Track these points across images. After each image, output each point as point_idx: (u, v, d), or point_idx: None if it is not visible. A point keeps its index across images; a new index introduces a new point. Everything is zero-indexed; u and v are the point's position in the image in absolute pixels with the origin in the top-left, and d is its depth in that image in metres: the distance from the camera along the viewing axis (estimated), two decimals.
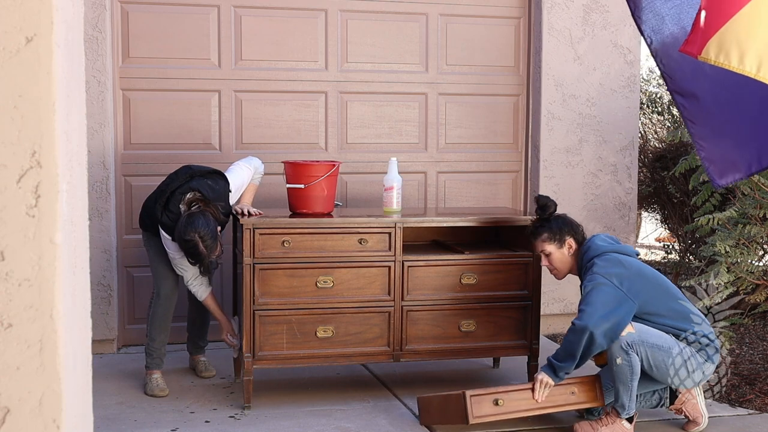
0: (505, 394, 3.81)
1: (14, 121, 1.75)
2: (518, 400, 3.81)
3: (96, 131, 4.95)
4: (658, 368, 3.81)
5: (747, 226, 4.69)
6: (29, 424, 1.78)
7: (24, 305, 1.76)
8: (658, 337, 3.81)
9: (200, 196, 4.08)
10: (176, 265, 4.27)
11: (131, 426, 3.97)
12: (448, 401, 3.87)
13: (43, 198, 1.76)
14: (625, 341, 3.75)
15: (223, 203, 4.16)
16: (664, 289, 3.93)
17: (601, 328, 3.68)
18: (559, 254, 4.02)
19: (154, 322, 4.43)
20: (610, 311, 3.72)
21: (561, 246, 4.01)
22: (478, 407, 3.75)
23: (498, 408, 3.78)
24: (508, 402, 3.79)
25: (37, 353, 1.77)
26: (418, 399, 4.08)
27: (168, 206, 4.10)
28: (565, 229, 4.02)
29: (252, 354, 4.10)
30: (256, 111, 5.33)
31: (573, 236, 4.02)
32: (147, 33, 5.14)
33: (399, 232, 4.24)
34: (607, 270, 3.81)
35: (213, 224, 4.01)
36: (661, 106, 7.47)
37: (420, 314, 4.29)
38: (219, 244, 4.10)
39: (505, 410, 3.78)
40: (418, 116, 5.59)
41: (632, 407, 3.85)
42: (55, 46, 1.76)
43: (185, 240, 3.97)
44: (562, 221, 4.05)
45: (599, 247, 3.93)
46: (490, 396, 3.79)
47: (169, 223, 4.09)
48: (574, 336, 3.72)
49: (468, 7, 5.60)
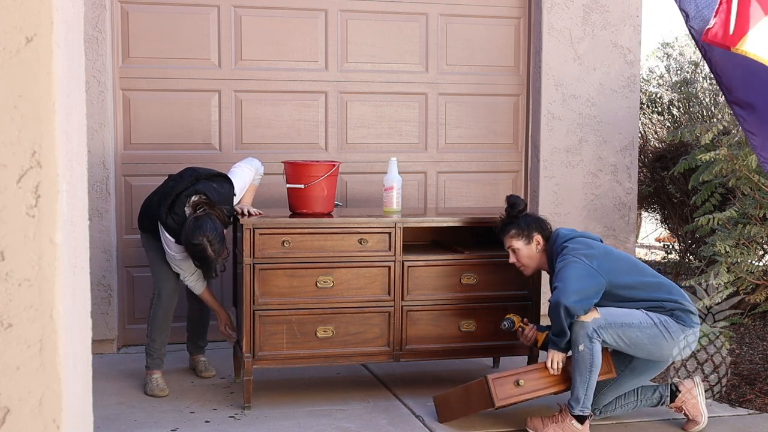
0: (525, 374, 3.88)
1: (14, 121, 1.75)
2: (538, 379, 3.89)
3: (96, 131, 4.95)
4: (636, 346, 3.82)
5: (747, 226, 4.69)
6: (29, 424, 1.78)
7: (24, 305, 1.76)
8: (626, 315, 3.83)
9: (206, 199, 4.07)
10: (174, 264, 4.27)
11: (131, 426, 3.97)
12: (469, 391, 3.93)
13: (43, 198, 1.76)
14: (591, 327, 3.78)
15: (228, 206, 4.16)
16: (632, 264, 4.01)
17: (572, 299, 3.76)
18: (526, 250, 4.08)
19: (155, 323, 4.43)
20: (581, 284, 3.81)
21: (529, 242, 4.08)
22: (501, 390, 3.82)
23: (520, 388, 3.85)
24: (528, 382, 3.86)
25: (37, 353, 1.77)
26: (435, 398, 4.11)
27: (173, 208, 4.10)
28: (533, 226, 4.09)
29: (252, 354, 4.10)
30: (256, 111, 5.33)
31: (540, 233, 4.08)
32: (147, 33, 5.14)
33: (399, 232, 4.24)
34: (577, 251, 3.90)
35: (220, 227, 4.02)
36: (661, 106, 7.46)
37: (420, 314, 4.29)
38: (225, 247, 4.10)
39: (527, 390, 3.86)
40: (418, 116, 5.59)
41: (587, 405, 3.83)
42: (55, 46, 1.76)
43: (194, 244, 3.96)
44: (530, 218, 4.13)
45: (566, 235, 4.03)
46: (511, 377, 3.86)
47: (174, 225, 4.09)
48: (554, 313, 3.81)
49: (468, 7, 5.60)
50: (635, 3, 5.70)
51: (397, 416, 4.13)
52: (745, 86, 3.76)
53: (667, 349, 3.85)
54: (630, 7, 5.69)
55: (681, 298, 3.92)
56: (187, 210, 4.07)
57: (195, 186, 4.13)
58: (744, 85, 3.76)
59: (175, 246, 4.15)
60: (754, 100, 3.76)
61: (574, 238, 4.00)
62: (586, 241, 3.98)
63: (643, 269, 4.00)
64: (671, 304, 3.87)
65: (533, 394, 3.89)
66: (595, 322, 3.79)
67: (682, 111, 7.22)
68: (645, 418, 4.13)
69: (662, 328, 3.82)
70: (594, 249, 3.93)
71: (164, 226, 4.13)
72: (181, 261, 4.22)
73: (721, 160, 4.80)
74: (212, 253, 3.99)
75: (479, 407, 3.90)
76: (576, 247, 3.92)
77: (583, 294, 3.78)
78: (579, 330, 3.81)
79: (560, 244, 4.00)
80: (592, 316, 3.80)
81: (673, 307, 3.87)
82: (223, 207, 4.11)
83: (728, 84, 3.80)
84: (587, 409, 3.83)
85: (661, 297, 3.89)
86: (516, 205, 4.14)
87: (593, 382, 3.82)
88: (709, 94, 7.03)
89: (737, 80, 3.77)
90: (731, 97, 3.81)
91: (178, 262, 4.23)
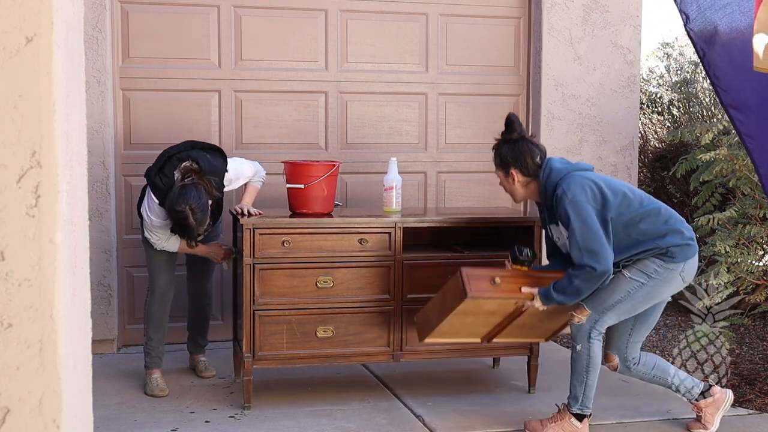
0: (503, 275, 3.77)
1: (14, 121, 1.75)
2: (513, 283, 3.76)
3: (96, 131, 4.95)
4: (637, 307, 3.76)
5: (747, 226, 4.69)
6: (29, 424, 1.78)
7: (24, 305, 1.76)
8: (612, 292, 3.72)
9: (196, 167, 4.08)
10: (151, 232, 4.25)
11: (131, 426, 3.97)
12: (445, 293, 3.82)
13: (43, 198, 1.76)
14: (587, 327, 3.76)
15: (216, 178, 4.15)
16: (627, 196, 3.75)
17: (608, 262, 3.61)
18: (506, 182, 3.89)
19: (150, 320, 4.43)
20: (601, 241, 3.62)
21: (506, 176, 3.86)
22: (475, 283, 3.69)
23: (496, 287, 3.73)
24: (505, 282, 3.74)
25: (37, 353, 1.77)
26: (415, 317, 4.05)
27: (163, 169, 4.11)
28: (510, 161, 3.83)
29: (252, 354, 4.10)
30: (256, 111, 5.33)
31: (518, 168, 3.83)
32: (147, 33, 5.14)
33: (399, 232, 4.24)
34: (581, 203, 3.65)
35: (205, 197, 4.01)
36: (661, 106, 7.46)
37: None
38: (208, 218, 4.09)
39: (501, 290, 3.73)
40: (418, 116, 5.59)
41: (585, 404, 3.81)
42: (55, 46, 1.76)
43: (176, 211, 3.97)
44: (515, 150, 3.84)
45: (559, 171, 3.76)
46: (488, 275, 3.75)
47: (161, 186, 4.09)
48: (590, 281, 3.62)
49: (468, 7, 5.60)
50: (635, 3, 5.70)
51: (397, 416, 4.13)
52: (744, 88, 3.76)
53: (666, 293, 3.78)
54: (630, 7, 5.69)
55: (677, 225, 3.75)
56: (176, 175, 4.06)
57: (188, 152, 4.14)
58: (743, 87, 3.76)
59: (157, 208, 4.14)
60: (753, 102, 3.76)
61: (569, 173, 3.74)
62: (582, 181, 3.70)
63: (640, 197, 3.78)
64: (667, 240, 3.69)
65: (506, 294, 3.74)
66: (590, 321, 3.76)
67: (682, 111, 7.22)
68: (645, 418, 4.13)
69: (653, 281, 3.70)
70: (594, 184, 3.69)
71: (151, 185, 4.14)
72: (158, 228, 4.22)
73: (721, 160, 4.80)
74: (193, 222, 3.99)
75: (454, 305, 3.74)
76: (579, 200, 3.65)
77: (607, 251, 3.61)
78: (577, 332, 3.80)
79: (552, 185, 3.74)
80: (584, 315, 3.75)
81: (669, 244, 3.69)
82: (211, 178, 4.10)
83: (727, 86, 3.78)
84: (586, 408, 3.83)
85: (659, 229, 3.71)
86: (511, 128, 3.87)
87: (591, 382, 3.80)
88: (709, 94, 7.03)
89: (738, 82, 3.76)
90: (728, 100, 3.79)
91: (155, 229, 4.23)
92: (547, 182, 3.77)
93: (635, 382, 4.67)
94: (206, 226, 4.09)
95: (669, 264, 3.70)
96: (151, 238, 4.27)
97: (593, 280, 3.62)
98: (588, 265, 3.59)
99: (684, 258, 3.72)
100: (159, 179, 4.10)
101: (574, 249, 3.64)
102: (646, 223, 3.71)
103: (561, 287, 3.67)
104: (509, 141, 3.86)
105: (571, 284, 3.64)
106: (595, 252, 3.59)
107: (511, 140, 3.86)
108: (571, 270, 3.66)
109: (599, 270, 3.59)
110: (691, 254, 3.74)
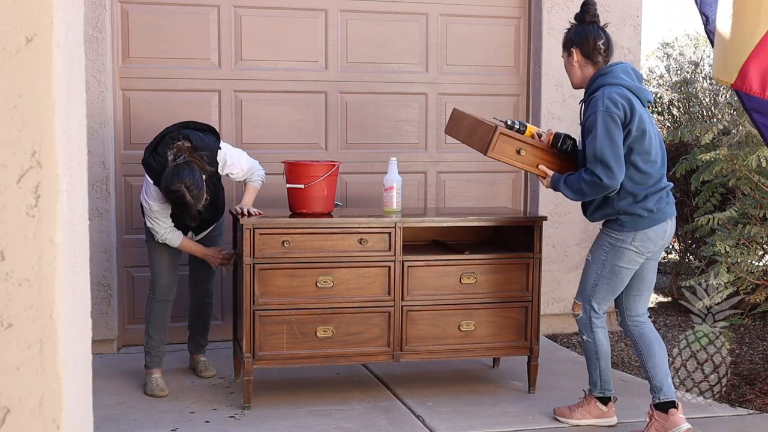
0: (529, 146, 3.93)
1: (14, 121, 1.75)
2: (534, 156, 3.94)
3: (96, 131, 4.95)
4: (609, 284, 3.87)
5: (747, 226, 4.69)
6: (29, 424, 1.78)
7: (24, 305, 1.76)
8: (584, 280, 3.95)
9: (188, 145, 4.11)
10: (151, 219, 4.27)
11: (131, 426, 3.97)
12: (479, 127, 4.00)
13: (43, 198, 1.76)
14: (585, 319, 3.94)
15: (208, 153, 4.17)
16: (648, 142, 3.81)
17: (618, 177, 3.70)
18: (567, 63, 3.95)
19: (151, 319, 4.44)
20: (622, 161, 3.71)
21: (569, 55, 3.93)
22: (501, 146, 3.89)
23: (518, 156, 3.92)
24: (527, 155, 3.93)
25: (37, 353, 1.77)
26: (454, 110, 4.27)
27: (156, 149, 4.15)
28: (574, 39, 3.91)
29: (252, 354, 4.10)
30: (256, 111, 5.33)
31: (580, 48, 3.89)
32: (147, 33, 5.14)
33: (399, 232, 4.24)
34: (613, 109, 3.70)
35: (198, 174, 4.03)
36: (661, 106, 7.46)
37: (420, 314, 4.29)
38: (205, 194, 4.10)
39: (521, 160, 3.93)
40: (418, 116, 5.59)
41: (606, 387, 4.03)
42: (55, 46, 1.76)
43: (172, 191, 3.99)
44: (581, 30, 3.92)
45: (617, 77, 3.79)
46: (517, 143, 3.91)
47: (155, 165, 4.12)
48: (594, 189, 3.73)
49: (468, 7, 5.60)
50: (635, 3, 5.70)
51: (397, 416, 4.13)
52: None
53: (628, 265, 3.84)
54: (630, 7, 5.69)
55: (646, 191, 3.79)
56: (169, 154, 4.09)
57: (181, 131, 4.18)
58: None
59: (154, 192, 4.16)
60: None
61: (618, 85, 3.76)
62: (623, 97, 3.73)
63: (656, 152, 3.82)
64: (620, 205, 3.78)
65: (522, 165, 3.97)
66: (585, 312, 3.95)
67: (682, 111, 7.22)
68: (645, 417, 4.12)
69: (610, 255, 3.83)
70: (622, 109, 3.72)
71: (146, 166, 4.17)
72: (158, 212, 4.23)
73: (721, 160, 4.80)
74: (191, 200, 4.01)
75: (475, 145, 4.00)
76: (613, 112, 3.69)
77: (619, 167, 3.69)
78: (580, 324, 4.00)
79: (603, 82, 3.79)
80: (578, 308, 3.97)
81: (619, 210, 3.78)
82: (203, 154, 4.12)
83: None
84: (608, 391, 4.04)
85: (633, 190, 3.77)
86: (583, 12, 3.95)
87: (605, 367, 4.00)
88: (709, 94, 7.03)
89: None
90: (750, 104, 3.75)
91: (155, 214, 4.24)
92: (599, 79, 3.81)
93: (635, 382, 4.67)
94: (204, 202, 4.11)
95: (619, 234, 3.81)
96: (153, 227, 4.28)
97: (597, 189, 3.74)
98: (598, 175, 3.70)
99: (634, 228, 3.79)
100: (152, 159, 4.14)
101: (591, 154, 3.72)
102: (628, 178, 3.76)
103: (570, 182, 3.82)
104: (582, 22, 3.96)
105: (578, 183, 3.78)
106: (608, 165, 3.68)
107: (584, 21, 3.95)
108: (583, 172, 3.77)
109: (605, 183, 3.69)
110: (643, 226, 3.78)
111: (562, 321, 5.71)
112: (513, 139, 3.90)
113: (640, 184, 3.77)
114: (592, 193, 3.76)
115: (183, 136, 4.14)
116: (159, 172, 4.09)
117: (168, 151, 4.10)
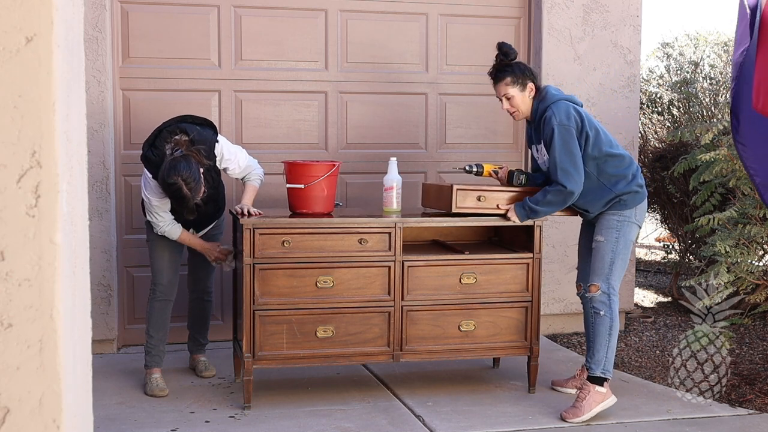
0: (488, 193, 4.25)
1: (14, 121, 1.75)
2: (494, 200, 4.26)
3: (96, 131, 4.95)
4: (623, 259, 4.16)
5: (747, 226, 4.69)
6: (29, 424, 1.78)
7: (24, 305, 1.76)
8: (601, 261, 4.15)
9: (186, 139, 4.12)
10: (151, 213, 4.28)
11: (131, 426, 3.97)
12: (441, 192, 4.36)
13: (43, 198, 1.76)
14: (602, 293, 4.11)
15: (205, 146, 4.18)
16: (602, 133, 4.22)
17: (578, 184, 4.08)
18: (521, 97, 4.21)
19: (152, 318, 4.44)
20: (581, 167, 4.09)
21: (523, 89, 4.20)
22: (462, 200, 4.22)
23: (479, 203, 4.23)
24: (488, 200, 4.25)
25: (37, 353, 1.77)
26: (423, 184, 4.71)
27: (154, 143, 4.16)
28: (527, 74, 4.22)
29: (252, 354, 4.10)
30: (256, 111, 5.33)
31: (533, 80, 4.22)
32: (147, 33, 5.14)
33: (399, 232, 4.24)
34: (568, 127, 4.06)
35: (195, 166, 4.04)
36: (661, 106, 7.46)
37: (420, 314, 4.29)
38: (203, 186, 4.11)
39: (483, 206, 4.24)
40: (417, 116, 5.59)
41: (608, 368, 4.11)
42: (55, 46, 1.76)
43: (169, 184, 4.00)
44: (523, 66, 4.24)
45: (554, 95, 4.17)
46: (475, 192, 4.24)
47: (153, 158, 4.13)
48: (559, 197, 4.08)
49: (468, 7, 5.60)
50: (635, 3, 5.70)
51: (397, 416, 4.13)
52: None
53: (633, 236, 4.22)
54: (630, 7, 5.69)
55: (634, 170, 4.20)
56: (167, 148, 4.11)
57: (178, 125, 4.20)
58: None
59: (153, 185, 4.17)
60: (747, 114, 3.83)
61: (560, 100, 4.13)
62: (568, 109, 4.10)
63: (610, 140, 4.21)
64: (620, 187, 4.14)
65: (487, 211, 4.26)
66: (603, 288, 4.12)
67: (682, 111, 7.22)
68: (645, 417, 4.13)
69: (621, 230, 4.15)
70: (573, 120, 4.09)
71: (144, 160, 4.18)
72: (158, 207, 4.24)
73: (721, 160, 4.80)
74: (188, 192, 4.01)
75: (443, 207, 4.31)
76: (565, 124, 4.06)
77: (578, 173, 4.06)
78: (598, 301, 4.13)
79: (545, 106, 4.14)
80: (596, 290, 4.13)
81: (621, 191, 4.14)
82: (200, 147, 4.13)
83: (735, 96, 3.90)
84: (608, 372, 4.11)
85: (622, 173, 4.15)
86: (509, 53, 4.23)
87: (613, 344, 4.13)
88: (709, 94, 7.03)
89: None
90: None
91: (155, 208, 4.25)
92: (541, 103, 4.18)
93: (635, 382, 4.68)
94: (202, 194, 4.12)
95: (624, 211, 4.16)
96: (153, 219, 4.30)
97: (563, 196, 4.09)
98: (561, 183, 4.06)
99: (634, 204, 4.17)
100: (151, 152, 4.15)
101: (552, 167, 4.09)
102: (611, 166, 4.15)
103: (535, 199, 4.16)
104: (512, 62, 4.24)
105: (544, 197, 4.12)
106: (567, 171, 4.05)
107: (513, 59, 4.24)
108: (547, 186, 4.14)
109: (569, 188, 4.05)
110: (639, 200, 4.19)
111: (562, 321, 5.71)
112: (471, 191, 4.23)
113: (623, 166, 4.17)
114: (557, 200, 4.10)
115: (180, 129, 4.17)
116: (157, 166, 4.10)
117: (166, 145, 4.12)
